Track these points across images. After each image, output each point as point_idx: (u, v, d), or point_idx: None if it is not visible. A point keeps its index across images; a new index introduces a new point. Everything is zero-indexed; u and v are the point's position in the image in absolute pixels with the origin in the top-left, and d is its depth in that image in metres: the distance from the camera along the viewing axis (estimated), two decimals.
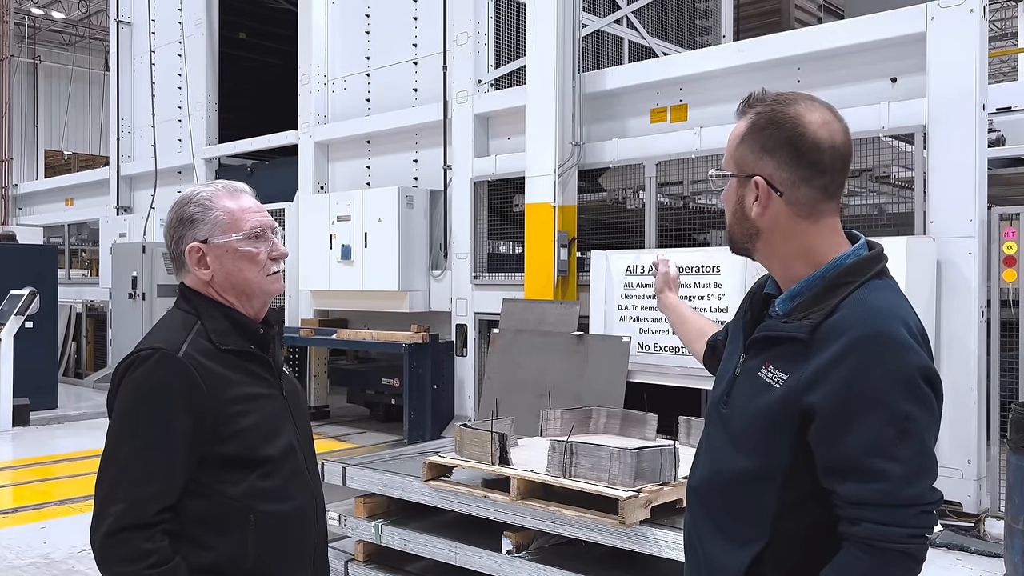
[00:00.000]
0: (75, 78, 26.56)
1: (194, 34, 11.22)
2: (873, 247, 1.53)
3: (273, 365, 1.84)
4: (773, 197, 1.50)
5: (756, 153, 1.51)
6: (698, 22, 9.66)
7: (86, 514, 1.49)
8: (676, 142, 6.51)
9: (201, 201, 1.79)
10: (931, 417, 1.40)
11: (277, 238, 1.83)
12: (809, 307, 1.47)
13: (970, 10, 5.20)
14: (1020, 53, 17.15)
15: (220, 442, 1.68)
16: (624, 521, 3.29)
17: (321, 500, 1.89)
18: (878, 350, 1.38)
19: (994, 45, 21.97)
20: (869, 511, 1.36)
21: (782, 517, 1.46)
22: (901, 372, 1.37)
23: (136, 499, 1.62)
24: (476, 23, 7.82)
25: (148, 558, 1.60)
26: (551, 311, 6.44)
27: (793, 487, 1.45)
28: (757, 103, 1.54)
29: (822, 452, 1.41)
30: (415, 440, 7.41)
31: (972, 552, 4.85)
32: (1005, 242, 5.23)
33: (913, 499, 1.36)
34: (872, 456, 1.36)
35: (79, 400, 10.71)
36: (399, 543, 4.14)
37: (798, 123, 1.48)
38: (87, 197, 13.97)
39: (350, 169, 9.34)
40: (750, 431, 1.50)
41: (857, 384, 1.37)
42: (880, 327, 1.39)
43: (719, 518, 1.55)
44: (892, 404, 1.36)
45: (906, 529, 1.36)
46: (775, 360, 1.49)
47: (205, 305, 1.79)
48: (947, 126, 5.27)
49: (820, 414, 1.40)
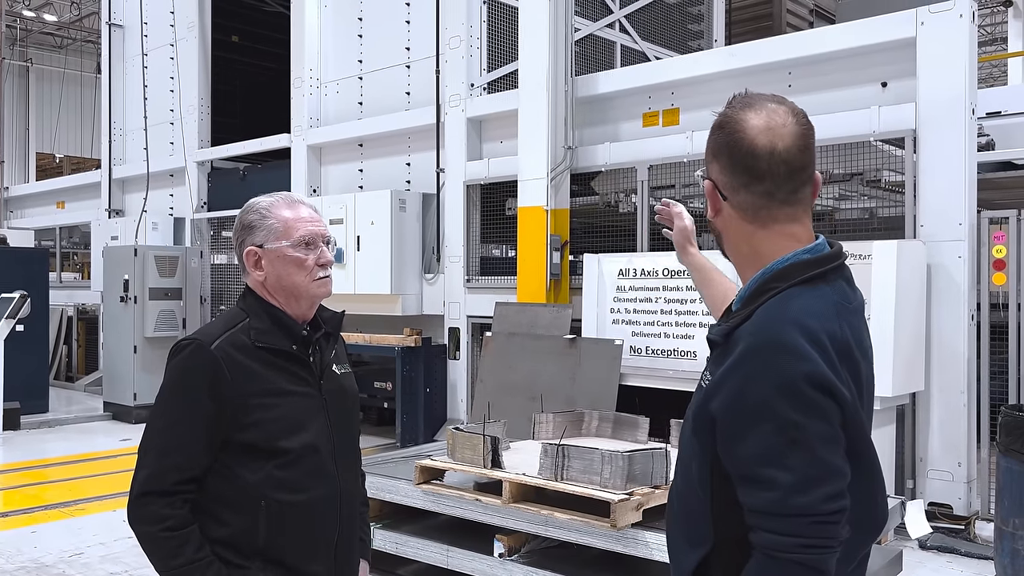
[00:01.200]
0: (67, 81, 26.47)
1: (186, 37, 11.20)
2: (827, 248, 1.50)
3: (314, 365, 1.99)
4: (721, 201, 1.52)
5: (708, 157, 1.54)
6: (690, 26, 9.69)
7: (77, 518, 1.51)
8: (668, 146, 6.53)
9: (260, 209, 2.00)
10: (824, 425, 1.35)
11: (327, 247, 2.02)
12: (737, 311, 1.48)
13: (959, 15, 5.23)
14: (1009, 58, 17.26)
15: (240, 429, 1.85)
16: (616, 524, 3.30)
17: (348, 495, 2.01)
18: (765, 359, 1.37)
19: (984, 50, 22.10)
20: (763, 519, 1.35)
21: (719, 521, 1.47)
22: (785, 381, 1.35)
23: (156, 469, 1.83)
24: (469, 27, 7.83)
25: (165, 522, 1.80)
26: (544, 314, 6.44)
27: (722, 492, 1.45)
28: (727, 105, 1.54)
29: (724, 459, 1.42)
30: (407, 444, 7.40)
31: (962, 554, 4.87)
32: (994, 246, 5.26)
33: (804, 509, 1.33)
34: (762, 465, 1.35)
35: (70, 404, 10.67)
36: (391, 546, 4.14)
37: (736, 128, 1.47)
38: (79, 200, 13.91)
39: (343, 172, 9.34)
40: (692, 434, 1.52)
41: (745, 394, 1.37)
42: (772, 336, 1.38)
43: (679, 518, 1.58)
44: (778, 413, 1.34)
45: (798, 539, 1.33)
46: (711, 363, 1.51)
47: (256, 305, 1.98)
48: (937, 130, 5.30)
49: (717, 422, 1.42)
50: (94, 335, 12.41)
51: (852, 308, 1.49)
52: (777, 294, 1.44)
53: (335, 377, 2.05)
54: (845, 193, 6.03)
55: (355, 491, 2.07)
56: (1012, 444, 3.95)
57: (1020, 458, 3.91)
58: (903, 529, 4.88)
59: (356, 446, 2.13)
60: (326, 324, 2.06)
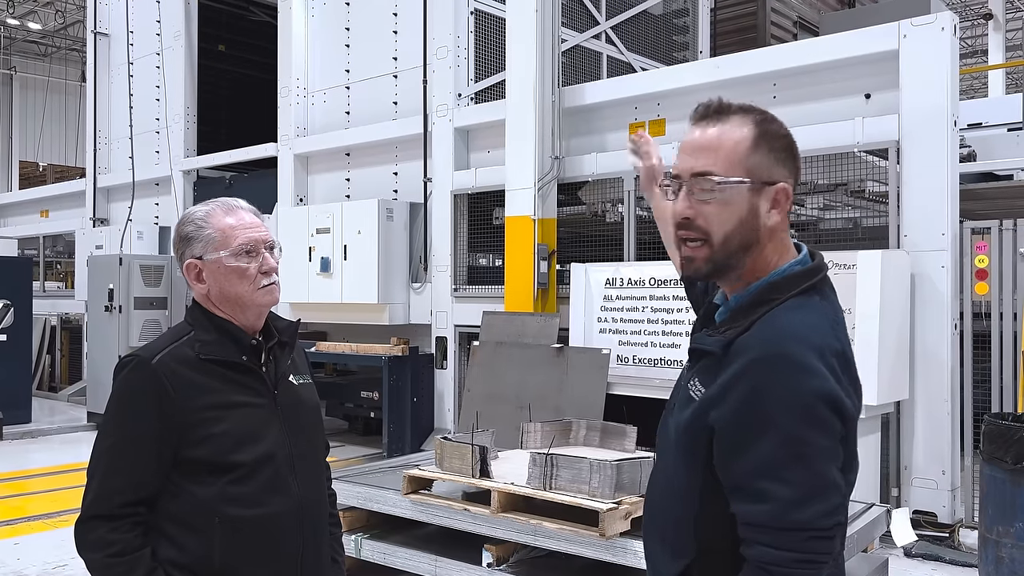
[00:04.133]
0: (51, 89, 26.32)
1: (173, 46, 11.18)
2: (812, 258, 1.52)
3: (267, 376, 1.92)
4: (783, 205, 1.49)
5: (770, 161, 1.47)
6: (676, 38, 9.76)
7: (60, 530, 1.50)
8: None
9: (196, 220, 1.91)
10: (830, 443, 1.36)
11: (271, 252, 1.93)
12: (733, 321, 1.46)
13: (941, 28, 5.30)
14: (990, 70, 17.46)
15: (189, 446, 1.79)
16: (604, 533, 3.30)
17: (311, 509, 1.94)
18: (775, 372, 1.36)
19: (965, 62, 22.36)
20: (759, 533, 1.35)
21: (705, 532, 1.46)
22: (797, 396, 1.34)
23: (102, 491, 1.77)
24: (456, 37, 7.86)
25: (111, 547, 1.74)
26: (531, 323, 6.45)
27: (711, 503, 1.44)
28: (749, 110, 1.51)
29: (721, 470, 1.41)
30: (395, 453, 7.38)
31: (947, 562, 4.91)
32: (977, 255, 5.32)
33: (802, 524, 1.33)
34: (761, 477, 1.35)
35: (53, 414, 10.57)
36: (379, 557, 4.13)
37: (790, 134, 1.51)
38: (63, 209, 13.82)
39: (330, 181, 9.33)
40: (678, 444, 1.50)
41: (752, 405, 1.36)
42: (781, 349, 1.37)
43: (660, 528, 1.56)
44: (785, 427, 1.34)
45: (793, 554, 1.33)
46: (700, 373, 1.49)
47: (201, 317, 1.91)
48: (920, 141, 5.36)
49: (717, 432, 1.41)
50: (78, 345, 12.31)
51: (842, 320, 1.51)
52: (776, 306, 1.44)
53: (292, 388, 1.97)
54: (829, 203, 6.09)
55: (319, 506, 1.98)
56: (995, 452, 3.99)
57: (1003, 466, 3.95)
58: (888, 537, 4.91)
59: (319, 459, 2.06)
60: (281, 334, 1.98)
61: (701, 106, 1.54)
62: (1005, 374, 5.24)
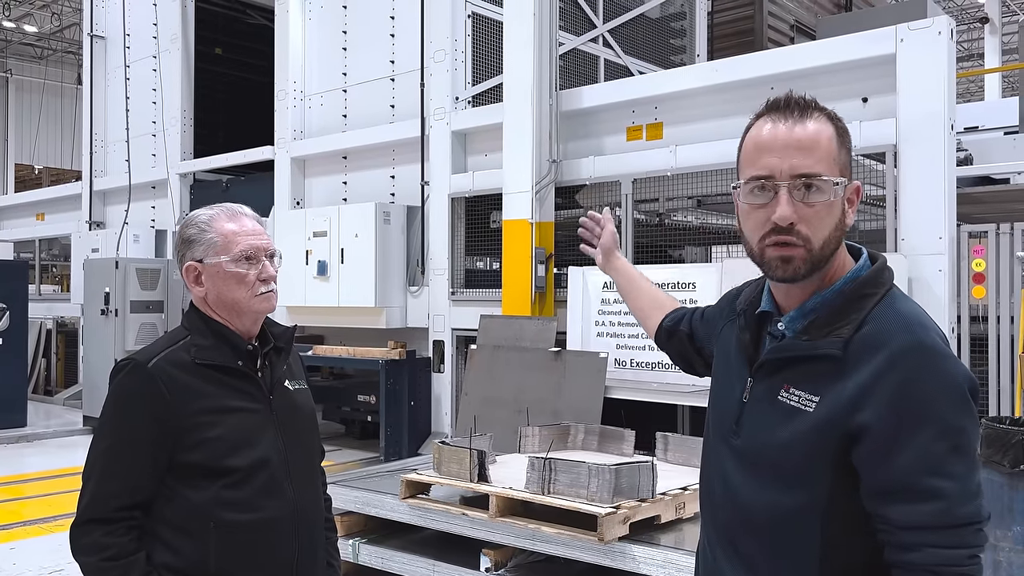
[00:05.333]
0: (47, 92, 26.28)
1: (169, 49, 11.16)
2: (876, 258, 1.47)
3: (262, 381, 1.92)
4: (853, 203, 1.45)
5: (849, 159, 1.45)
6: (673, 41, 9.77)
7: (56, 534, 1.49)
8: (652, 160, 6.57)
9: (199, 223, 1.92)
10: (977, 431, 1.33)
11: (271, 260, 1.94)
12: (831, 323, 1.38)
13: (938, 32, 5.31)
14: (986, 74, 17.51)
15: (185, 450, 1.80)
16: (603, 537, 3.29)
17: (307, 514, 1.94)
18: (923, 362, 1.30)
19: (962, 66, 22.43)
20: (927, 535, 1.27)
21: (829, 554, 1.35)
22: (950, 384, 1.30)
23: (97, 495, 1.78)
24: (453, 40, 7.86)
25: (105, 551, 1.74)
26: (528, 327, 6.45)
27: (838, 519, 1.35)
28: (818, 105, 1.45)
29: (871, 474, 1.32)
30: (392, 457, 7.36)
31: None
32: (974, 259, 5.33)
33: (970, 517, 1.28)
34: (926, 475, 1.28)
35: (49, 418, 10.54)
36: (377, 561, 4.12)
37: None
38: (59, 212, 13.79)
39: (327, 185, 9.32)
40: (784, 462, 1.38)
41: (907, 399, 1.29)
42: (919, 337, 1.32)
43: (754, 560, 1.43)
44: (944, 418, 1.28)
45: (967, 550, 1.28)
46: (798, 382, 1.38)
47: (198, 321, 1.93)
48: (917, 145, 5.37)
49: (870, 433, 1.31)
50: (73, 348, 12.28)
51: None
52: (879, 300, 1.38)
53: (287, 393, 1.99)
54: None
55: (315, 511, 1.99)
56: (993, 456, 3.99)
57: (1001, 469, 3.95)
58: None
59: (315, 464, 2.06)
60: (276, 339, 1.99)
61: (777, 99, 1.45)
62: (1003, 377, 5.24)
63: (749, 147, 1.44)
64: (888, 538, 1.32)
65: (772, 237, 1.39)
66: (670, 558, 3.26)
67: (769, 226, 1.39)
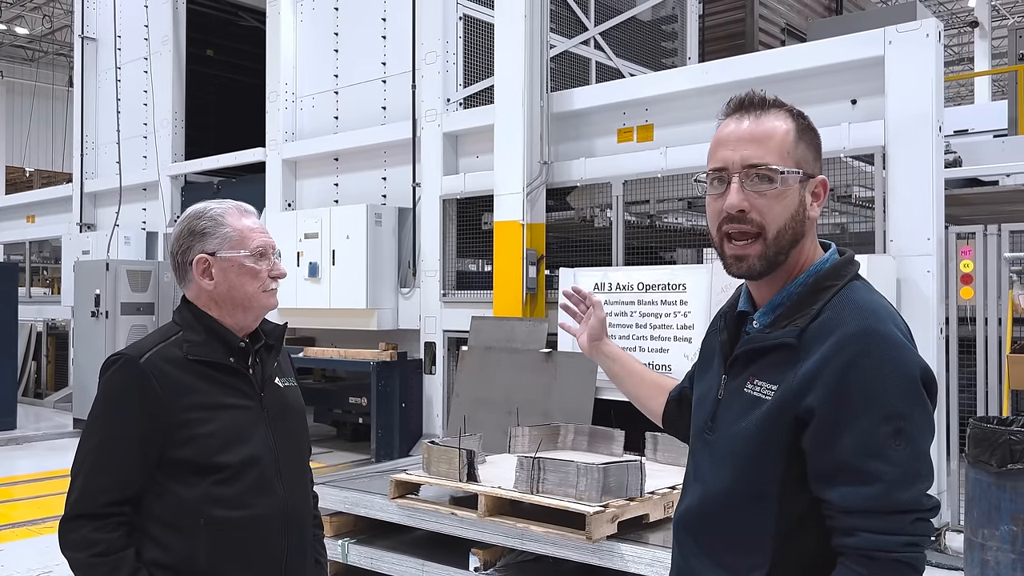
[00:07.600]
0: (38, 94, 26.18)
1: (161, 51, 11.14)
2: (844, 252, 1.51)
3: (254, 378, 1.93)
4: (819, 200, 1.50)
5: (811, 154, 1.50)
6: (664, 44, 9.80)
7: (45, 536, 1.48)
8: (642, 162, 6.59)
9: (214, 216, 1.93)
10: (927, 419, 1.34)
11: (277, 259, 1.98)
12: (792, 314, 1.42)
13: (926, 35, 5.34)
14: (975, 77, 17.61)
15: (175, 446, 1.79)
16: (591, 536, 3.30)
17: (296, 512, 1.94)
18: (869, 346, 1.32)
19: (952, 69, 22.55)
20: (863, 519, 1.29)
21: (782, 538, 1.38)
22: (899, 370, 1.32)
23: (87, 490, 1.77)
24: (445, 42, 7.86)
25: (94, 547, 1.73)
26: (520, 328, 6.45)
27: (790, 503, 1.38)
28: (781, 104, 1.52)
29: (815, 456, 1.34)
30: (383, 459, 7.36)
31: (933, 565, 4.91)
32: (962, 260, 5.35)
33: (908, 504, 1.29)
34: (865, 457, 1.29)
35: (39, 420, 10.50)
36: (366, 562, 4.11)
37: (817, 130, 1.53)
38: (49, 214, 13.74)
39: (318, 186, 9.31)
40: (740, 449, 1.42)
41: (851, 382, 1.31)
42: (870, 324, 1.35)
43: (714, 548, 1.46)
44: (887, 402, 1.30)
45: (902, 537, 1.29)
46: (761, 373, 1.43)
47: (190, 317, 1.91)
48: (905, 147, 5.40)
49: (816, 416, 1.34)
50: (64, 351, 12.24)
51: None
52: (838, 291, 1.42)
53: (278, 390, 1.99)
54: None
55: (304, 509, 1.99)
56: (981, 456, 4.01)
57: (988, 469, 3.97)
58: None
59: (304, 462, 2.06)
60: (268, 336, 1.99)
61: (738, 98, 1.52)
62: (990, 378, 5.26)
63: (712, 144, 1.52)
64: (832, 523, 1.34)
65: (727, 225, 1.45)
66: (658, 556, 3.27)
67: (723, 215, 1.45)
